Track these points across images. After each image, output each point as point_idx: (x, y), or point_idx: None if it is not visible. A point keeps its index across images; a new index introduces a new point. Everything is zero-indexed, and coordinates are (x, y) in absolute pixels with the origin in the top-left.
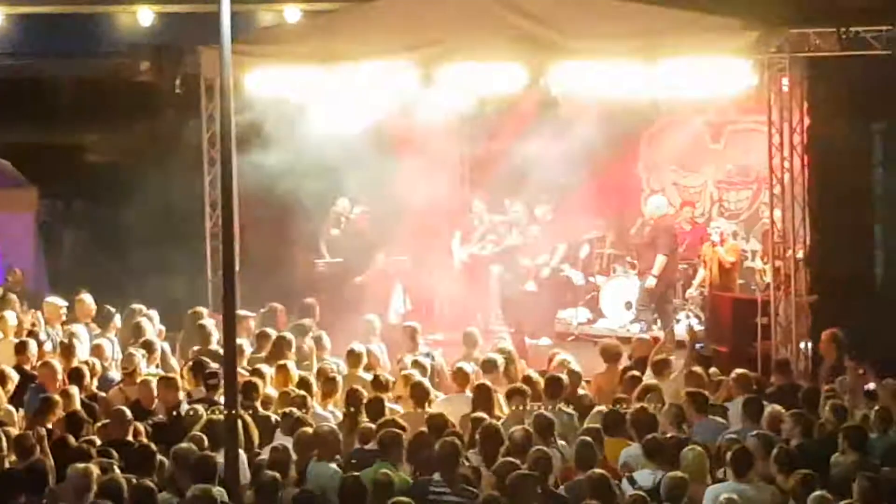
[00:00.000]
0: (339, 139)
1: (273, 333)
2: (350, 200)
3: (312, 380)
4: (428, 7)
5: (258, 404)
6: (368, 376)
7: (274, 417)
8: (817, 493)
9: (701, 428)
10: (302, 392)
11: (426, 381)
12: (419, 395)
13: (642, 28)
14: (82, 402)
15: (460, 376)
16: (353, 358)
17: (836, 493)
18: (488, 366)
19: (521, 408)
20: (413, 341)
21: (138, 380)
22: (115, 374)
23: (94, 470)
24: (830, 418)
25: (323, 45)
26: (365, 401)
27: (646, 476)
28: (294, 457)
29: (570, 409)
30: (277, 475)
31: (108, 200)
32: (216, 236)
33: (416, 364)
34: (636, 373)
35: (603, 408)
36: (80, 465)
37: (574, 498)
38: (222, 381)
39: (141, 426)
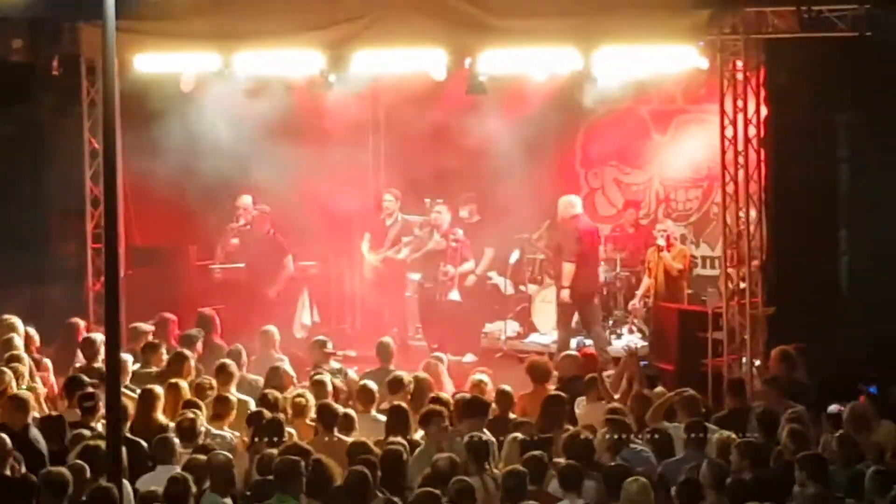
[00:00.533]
0: (238, 128)
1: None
2: (251, 197)
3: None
4: None
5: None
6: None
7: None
8: None
9: (633, 455)
10: (191, 415)
11: (333, 403)
12: (327, 418)
13: (580, 6)
14: None
15: (364, 394)
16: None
17: None
18: (395, 385)
19: (438, 432)
20: (324, 356)
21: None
22: None
23: None
24: (789, 445)
25: (219, 22)
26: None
27: None
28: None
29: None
30: None
31: None
32: (98, 238)
33: (316, 384)
34: (559, 393)
35: (519, 435)
36: None
37: None
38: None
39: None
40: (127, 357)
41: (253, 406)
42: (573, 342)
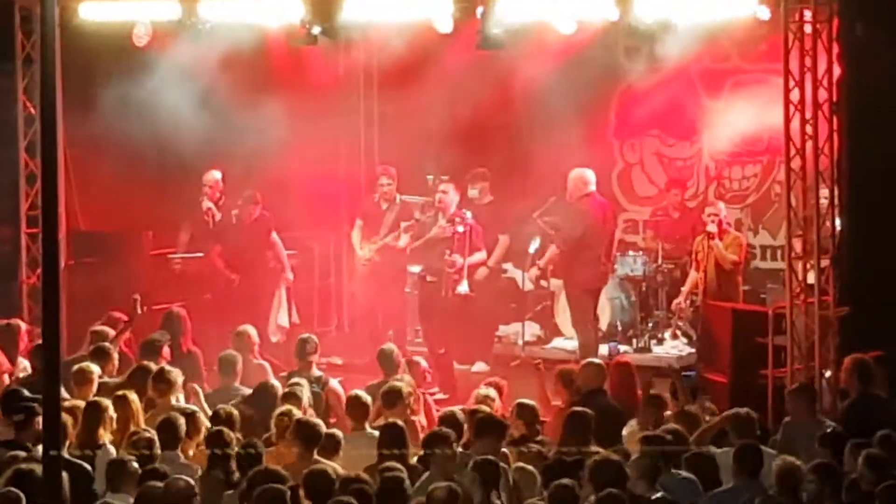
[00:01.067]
0: (203, 91)
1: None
2: (220, 173)
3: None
4: None
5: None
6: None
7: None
8: None
9: (674, 484)
10: (148, 434)
11: (313, 418)
12: (306, 435)
13: None
14: None
15: (357, 408)
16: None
17: None
18: (391, 397)
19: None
20: (305, 361)
21: None
22: None
23: None
24: (866, 475)
25: None
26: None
27: None
28: None
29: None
30: None
31: None
32: (34, 221)
33: (288, 396)
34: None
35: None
36: None
37: None
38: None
39: None
40: (93, 367)
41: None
42: (604, 348)
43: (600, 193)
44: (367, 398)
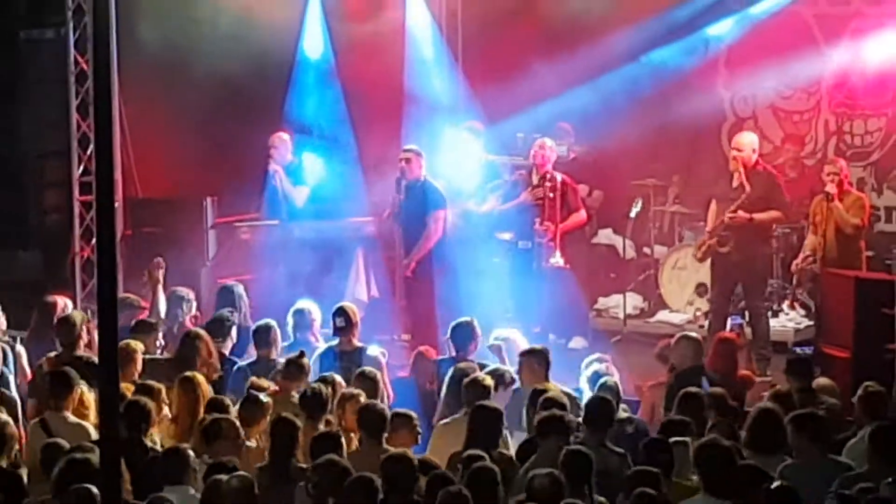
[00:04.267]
0: (271, 39)
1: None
2: (287, 135)
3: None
4: None
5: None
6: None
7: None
8: None
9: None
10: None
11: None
12: (373, 423)
13: None
14: None
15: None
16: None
17: None
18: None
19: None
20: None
21: None
22: None
23: None
24: None
25: None
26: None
27: None
28: None
29: (618, 448)
30: None
31: None
32: (87, 188)
33: (361, 377)
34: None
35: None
36: None
37: None
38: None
39: None
40: (136, 344)
41: None
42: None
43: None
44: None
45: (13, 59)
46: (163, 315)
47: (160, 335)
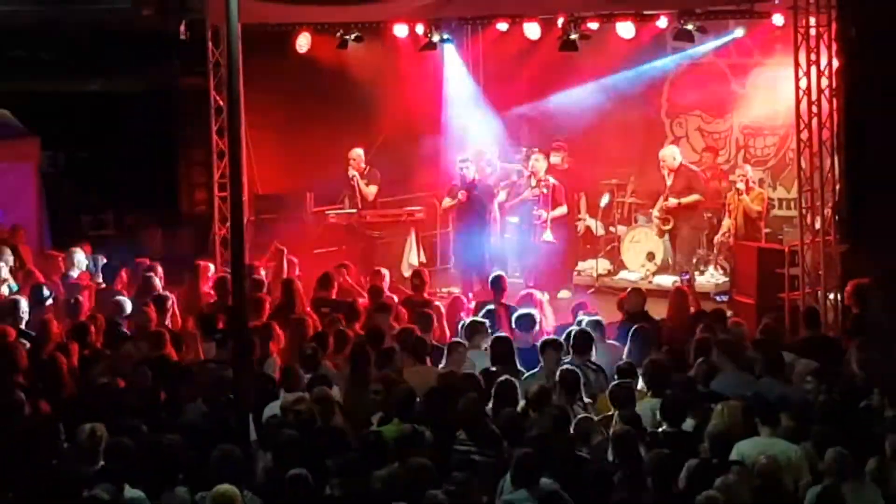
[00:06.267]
0: (348, 83)
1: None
2: (362, 150)
3: None
4: None
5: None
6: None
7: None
8: (835, 449)
9: (728, 381)
10: (311, 348)
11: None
12: (419, 349)
13: None
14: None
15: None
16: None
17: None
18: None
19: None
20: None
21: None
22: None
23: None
24: (859, 374)
25: None
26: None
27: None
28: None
29: (594, 364)
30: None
31: (111, 151)
32: (223, 187)
33: (420, 317)
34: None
35: None
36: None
37: (598, 457)
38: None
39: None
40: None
41: None
42: (661, 279)
43: (655, 159)
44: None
45: (172, 99)
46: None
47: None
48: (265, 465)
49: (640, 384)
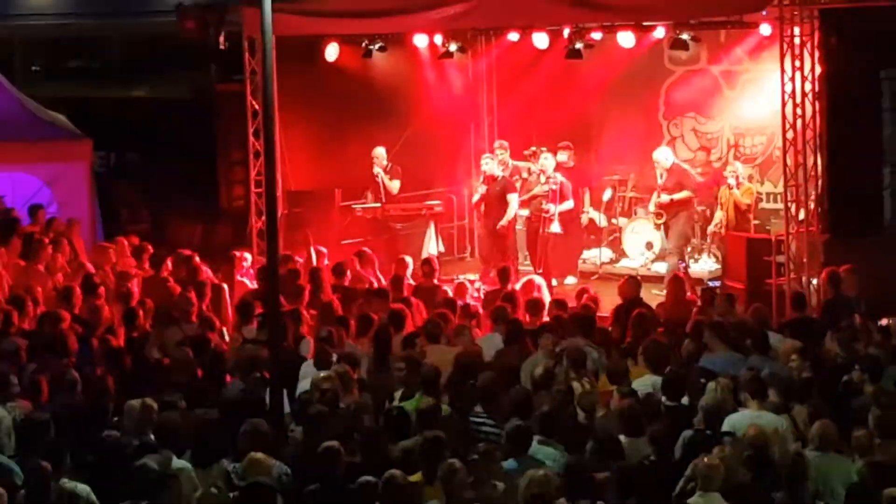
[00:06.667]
0: (369, 89)
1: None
2: (384, 149)
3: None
4: None
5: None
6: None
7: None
8: (822, 421)
9: (720, 360)
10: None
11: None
12: (433, 332)
13: None
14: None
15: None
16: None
17: (852, 423)
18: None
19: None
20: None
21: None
22: None
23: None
24: (839, 351)
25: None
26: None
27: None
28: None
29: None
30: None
31: (157, 151)
32: (259, 183)
33: (447, 303)
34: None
35: None
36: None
37: (602, 429)
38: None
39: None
40: None
41: None
42: (658, 267)
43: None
44: None
45: (212, 104)
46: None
47: None
48: (296, 437)
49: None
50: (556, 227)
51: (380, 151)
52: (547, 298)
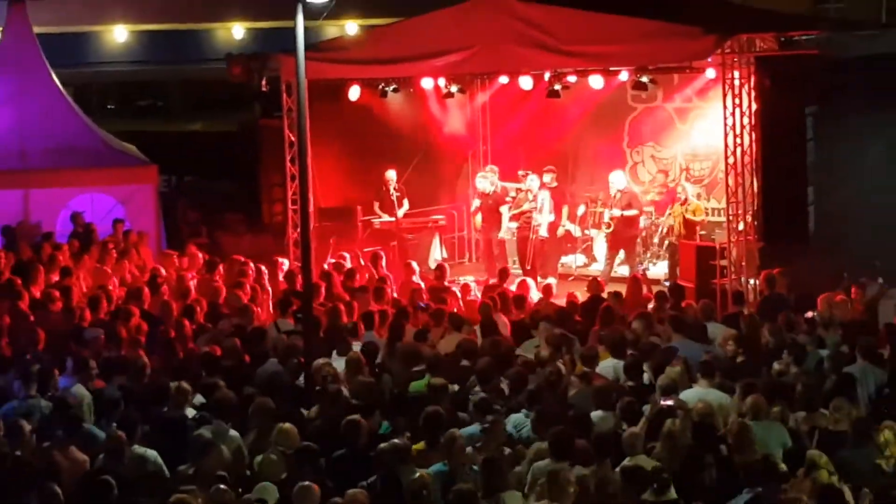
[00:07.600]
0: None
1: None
2: (395, 172)
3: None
4: (456, 22)
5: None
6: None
7: None
8: (754, 395)
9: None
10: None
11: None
12: (455, 321)
13: (625, 34)
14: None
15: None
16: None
17: (777, 400)
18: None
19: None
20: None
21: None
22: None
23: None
24: (770, 339)
25: (378, 51)
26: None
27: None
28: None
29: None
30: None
31: (211, 175)
32: (295, 201)
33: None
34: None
35: None
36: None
37: (582, 404)
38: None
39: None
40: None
41: None
42: (623, 270)
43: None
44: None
45: (256, 136)
46: None
47: None
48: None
49: None
50: (543, 232)
51: (391, 174)
52: (535, 295)
